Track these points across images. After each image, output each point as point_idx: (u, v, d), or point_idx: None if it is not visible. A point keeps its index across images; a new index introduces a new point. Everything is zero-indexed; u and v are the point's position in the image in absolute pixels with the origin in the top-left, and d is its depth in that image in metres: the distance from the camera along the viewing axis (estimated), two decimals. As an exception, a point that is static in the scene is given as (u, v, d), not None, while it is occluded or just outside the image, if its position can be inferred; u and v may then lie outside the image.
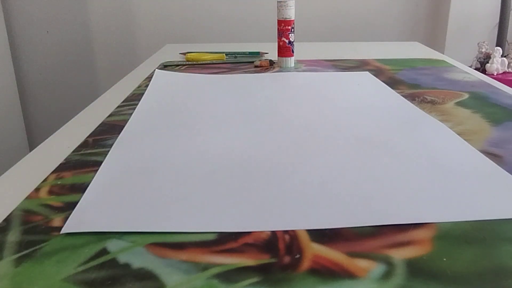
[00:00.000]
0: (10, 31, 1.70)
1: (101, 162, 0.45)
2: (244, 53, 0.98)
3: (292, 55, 0.86)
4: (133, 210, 0.35)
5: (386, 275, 0.28)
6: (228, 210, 0.35)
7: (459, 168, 0.42)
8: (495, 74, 1.46)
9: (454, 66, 0.86)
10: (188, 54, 0.96)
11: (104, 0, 1.72)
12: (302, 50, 1.06)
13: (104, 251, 0.31)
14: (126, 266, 0.29)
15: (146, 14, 1.74)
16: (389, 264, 0.29)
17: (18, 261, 0.29)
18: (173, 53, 1.06)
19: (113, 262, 0.29)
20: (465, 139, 0.49)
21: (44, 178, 0.42)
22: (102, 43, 1.77)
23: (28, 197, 0.38)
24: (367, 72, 0.80)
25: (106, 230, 0.33)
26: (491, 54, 1.47)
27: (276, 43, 0.88)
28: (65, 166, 0.44)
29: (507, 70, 1.48)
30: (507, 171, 0.41)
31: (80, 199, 0.37)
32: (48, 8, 1.71)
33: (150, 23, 1.75)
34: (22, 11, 1.70)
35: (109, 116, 0.60)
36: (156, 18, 1.75)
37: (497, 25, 1.61)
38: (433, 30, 1.79)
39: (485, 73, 1.41)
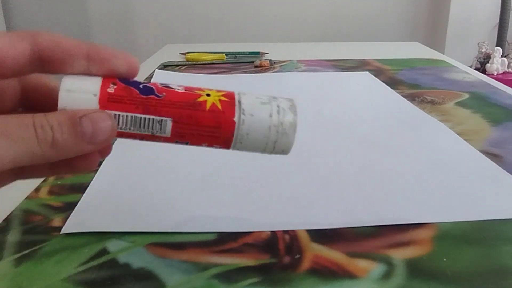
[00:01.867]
0: (10, 31, 1.70)
1: (101, 162, 0.45)
2: (244, 53, 0.98)
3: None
4: (133, 210, 0.35)
5: (386, 275, 0.28)
6: (228, 210, 0.35)
7: (459, 168, 0.42)
8: (495, 74, 1.46)
9: (454, 66, 0.86)
10: (188, 54, 0.96)
11: (104, 0, 1.73)
12: (302, 50, 1.06)
13: (104, 251, 0.31)
14: (126, 266, 0.29)
15: (146, 14, 1.74)
16: (389, 264, 0.29)
17: (18, 261, 0.29)
18: (173, 53, 1.06)
19: (113, 262, 0.29)
20: (465, 139, 0.49)
21: (44, 178, 0.42)
22: (102, 43, 1.76)
23: (28, 197, 0.38)
24: (367, 72, 0.80)
25: (106, 230, 0.33)
26: (491, 54, 1.48)
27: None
28: (65, 166, 0.44)
29: (507, 70, 1.48)
30: (507, 171, 0.41)
31: (80, 199, 0.37)
32: (48, 8, 1.71)
33: (150, 23, 1.75)
34: (22, 11, 1.70)
35: (109, 116, 0.60)
36: (156, 18, 1.75)
37: (497, 25, 1.61)
38: (433, 30, 1.79)
39: (485, 73, 1.41)
